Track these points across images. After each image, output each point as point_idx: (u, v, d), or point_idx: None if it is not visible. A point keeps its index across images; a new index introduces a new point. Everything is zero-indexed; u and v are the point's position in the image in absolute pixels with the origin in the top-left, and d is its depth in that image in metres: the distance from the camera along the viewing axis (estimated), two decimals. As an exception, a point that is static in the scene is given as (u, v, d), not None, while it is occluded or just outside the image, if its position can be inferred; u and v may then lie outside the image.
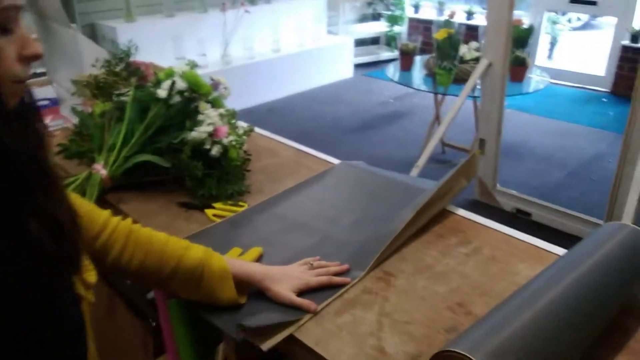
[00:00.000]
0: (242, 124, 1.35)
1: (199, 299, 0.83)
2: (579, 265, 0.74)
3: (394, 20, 5.48)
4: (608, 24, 6.38)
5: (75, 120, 1.41)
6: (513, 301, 0.71)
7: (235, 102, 1.42)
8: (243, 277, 0.84)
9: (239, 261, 0.88)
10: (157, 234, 0.85)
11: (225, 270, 0.82)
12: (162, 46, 3.93)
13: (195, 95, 1.21)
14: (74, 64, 1.66)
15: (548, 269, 0.77)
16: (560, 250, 0.95)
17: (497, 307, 0.72)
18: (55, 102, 1.60)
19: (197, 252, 0.83)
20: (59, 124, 1.53)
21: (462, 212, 1.09)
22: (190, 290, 0.82)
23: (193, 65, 1.25)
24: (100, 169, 1.14)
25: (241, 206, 1.13)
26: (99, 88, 1.23)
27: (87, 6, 3.98)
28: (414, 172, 2.39)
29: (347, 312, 0.81)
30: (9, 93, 0.55)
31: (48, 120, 1.52)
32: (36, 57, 0.58)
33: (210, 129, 1.15)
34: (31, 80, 1.96)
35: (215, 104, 1.28)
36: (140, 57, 1.38)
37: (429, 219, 1.05)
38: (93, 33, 4.07)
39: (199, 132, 1.14)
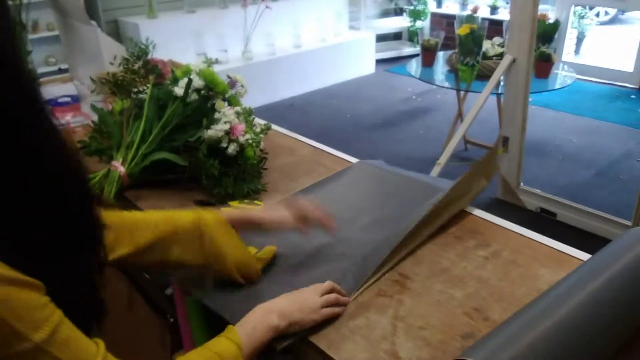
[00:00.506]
0: (260, 122, 1.35)
1: (208, 261, 0.82)
2: (601, 274, 0.71)
3: (416, 15, 5.41)
4: (637, 18, 6.19)
5: (95, 117, 1.42)
6: (532, 309, 0.69)
7: (256, 98, 1.42)
8: (242, 220, 0.86)
9: (234, 210, 0.89)
10: (137, 213, 0.86)
11: (219, 219, 0.83)
12: (184, 42, 3.95)
13: (212, 93, 1.21)
14: (95, 61, 1.68)
15: (570, 276, 0.75)
16: (583, 255, 0.91)
17: (516, 315, 0.70)
18: (76, 99, 1.62)
19: (187, 213, 0.84)
20: (80, 121, 1.54)
21: (481, 213, 1.07)
22: (195, 252, 0.82)
23: (210, 62, 1.24)
24: (119, 167, 1.14)
25: (257, 205, 1.12)
26: (117, 86, 1.23)
27: (111, 3, 4.03)
28: (436, 169, 2.36)
29: (361, 315, 0.80)
30: None
31: (69, 117, 1.54)
32: None
33: (226, 127, 1.14)
34: (54, 77, 1.99)
35: (232, 102, 1.27)
36: (162, 53, 1.38)
37: (448, 220, 1.03)
38: (116, 29, 4.12)
39: (215, 130, 1.13)
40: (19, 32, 1.73)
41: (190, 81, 1.17)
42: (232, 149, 1.15)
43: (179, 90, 1.17)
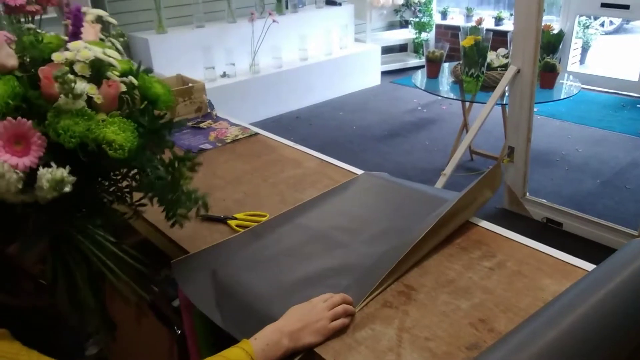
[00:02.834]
0: None
1: None
2: (605, 284, 0.72)
3: (421, 27, 5.45)
4: (644, 27, 6.20)
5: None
6: (537, 320, 0.70)
7: (263, 110, 1.43)
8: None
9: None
10: None
11: None
12: (193, 56, 4.00)
13: None
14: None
15: (574, 287, 0.75)
16: (588, 265, 0.92)
17: (521, 325, 0.70)
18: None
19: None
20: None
21: (486, 224, 1.07)
22: None
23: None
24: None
25: (263, 216, 1.14)
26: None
27: (120, 19, 4.09)
28: (442, 180, 2.36)
29: (366, 327, 0.81)
30: None
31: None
32: None
33: None
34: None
35: None
36: (172, 67, 1.39)
37: (452, 231, 1.04)
38: (126, 44, 4.18)
39: None
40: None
41: None
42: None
43: None
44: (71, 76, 0.65)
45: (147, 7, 4.09)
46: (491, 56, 2.89)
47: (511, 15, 4.96)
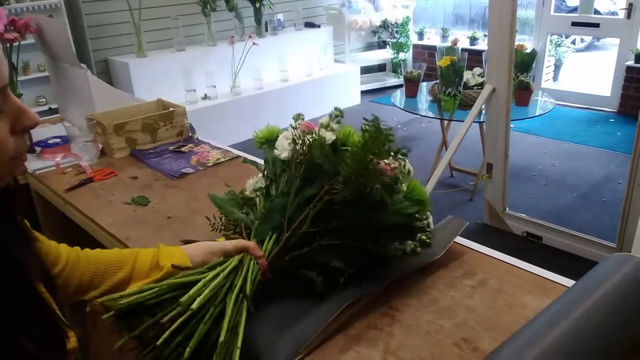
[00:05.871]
0: None
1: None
2: (584, 302, 0.74)
3: (398, 47, 5.56)
4: (612, 44, 6.41)
5: (85, 159, 1.43)
6: (519, 338, 0.71)
7: (245, 131, 1.42)
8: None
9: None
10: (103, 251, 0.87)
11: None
12: (173, 79, 4.01)
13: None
14: (85, 102, 1.71)
15: (555, 303, 0.77)
16: (567, 281, 0.94)
17: (504, 344, 0.72)
18: (66, 140, 1.64)
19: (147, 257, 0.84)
20: (70, 162, 1.56)
21: (466, 242, 1.09)
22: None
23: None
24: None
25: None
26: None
27: (100, 43, 4.10)
28: (423, 198, 2.39)
29: (351, 349, 0.81)
30: (5, 171, 0.56)
31: (59, 158, 1.55)
32: (33, 127, 0.58)
33: None
34: (44, 118, 2.02)
35: None
36: (152, 90, 1.39)
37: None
38: (106, 69, 4.18)
39: None
40: (10, 75, 1.76)
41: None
42: None
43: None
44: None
45: (127, 31, 4.10)
46: (467, 75, 2.96)
47: (485, 36, 5.09)
